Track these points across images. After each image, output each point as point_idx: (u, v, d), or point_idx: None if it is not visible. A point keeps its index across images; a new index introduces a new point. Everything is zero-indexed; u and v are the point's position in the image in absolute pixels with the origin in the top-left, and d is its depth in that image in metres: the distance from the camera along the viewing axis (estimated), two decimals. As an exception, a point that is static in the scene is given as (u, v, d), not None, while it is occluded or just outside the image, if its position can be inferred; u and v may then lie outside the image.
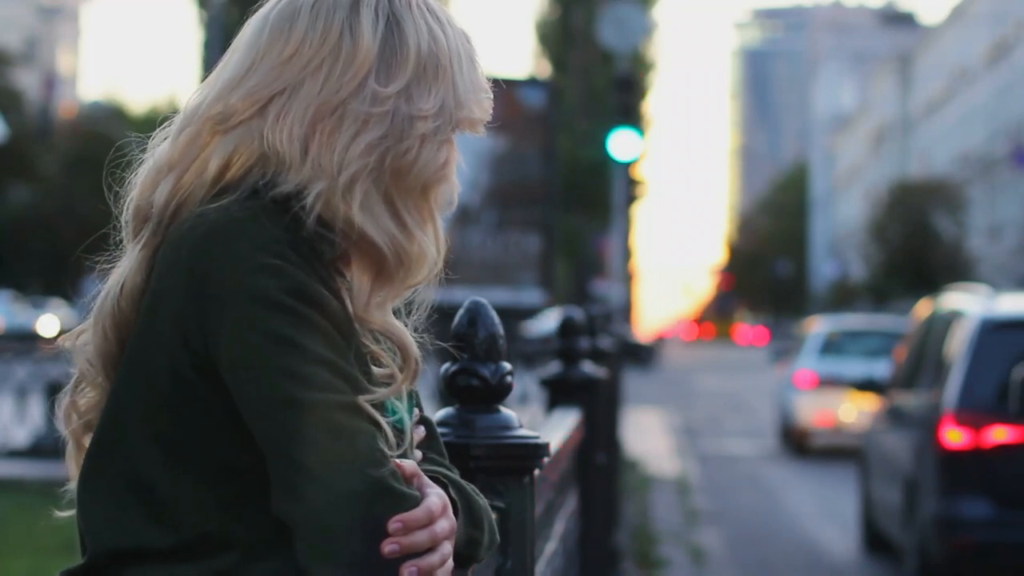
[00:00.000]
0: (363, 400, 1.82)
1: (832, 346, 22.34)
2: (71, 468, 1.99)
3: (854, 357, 21.47)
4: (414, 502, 1.78)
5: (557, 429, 3.72)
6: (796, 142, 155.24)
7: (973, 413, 9.00)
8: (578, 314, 5.22)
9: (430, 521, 1.78)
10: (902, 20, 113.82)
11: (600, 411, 6.03)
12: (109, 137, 48.34)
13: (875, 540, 11.59)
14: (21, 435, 14.20)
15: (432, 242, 1.97)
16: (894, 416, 10.88)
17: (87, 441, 1.96)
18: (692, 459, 18.62)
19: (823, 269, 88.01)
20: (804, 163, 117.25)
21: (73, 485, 1.96)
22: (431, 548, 1.78)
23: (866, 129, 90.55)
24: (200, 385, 1.85)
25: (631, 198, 28.71)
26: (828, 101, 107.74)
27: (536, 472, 2.40)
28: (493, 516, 1.99)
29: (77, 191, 46.70)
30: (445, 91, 1.96)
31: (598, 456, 5.76)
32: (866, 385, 12.29)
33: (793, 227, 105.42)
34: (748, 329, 58.25)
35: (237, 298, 1.81)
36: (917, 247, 50.57)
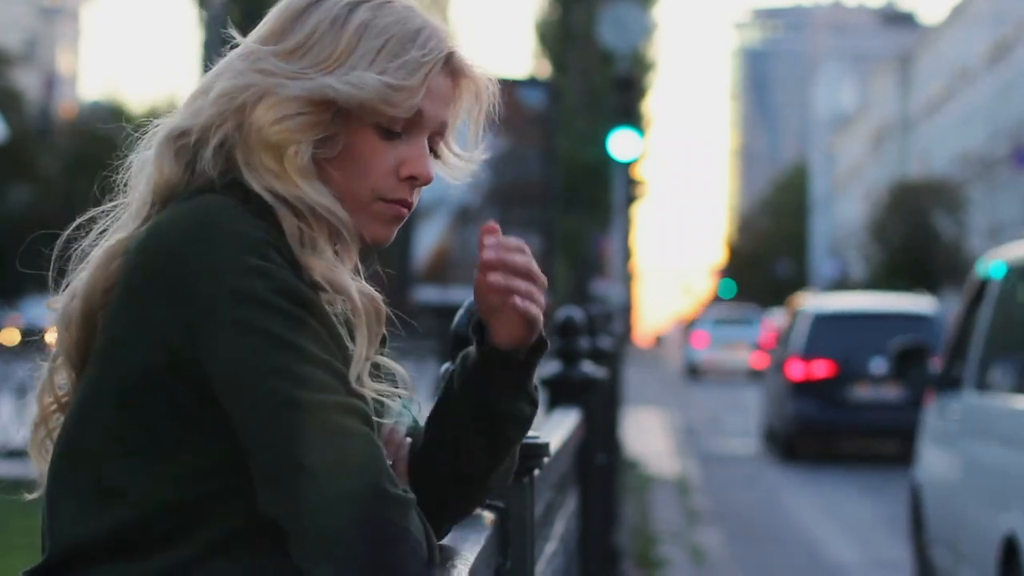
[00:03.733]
0: (352, 392, 1.81)
1: (718, 321, 45.16)
2: None
3: (730, 326, 44.00)
4: (409, 504, 1.77)
5: (557, 429, 3.71)
6: (796, 142, 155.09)
7: (806, 357, 18.17)
8: (578, 314, 5.21)
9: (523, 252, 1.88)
10: (902, 20, 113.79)
11: (600, 411, 6.03)
12: (109, 137, 48.37)
13: (769, 438, 19.97)
14: (21, 435, 14.20)
15: (319, 193, 1.92)
16: (775, 365, 20.12)
17: None
18: (692, 459, 18.60)
19: (823, 269, 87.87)
20: (804, 163, 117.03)
21: None
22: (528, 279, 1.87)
23: (866, 129, 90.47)
24: (173, 387, 1.83)
25: (631, 198, 28.68)
26: (828, 101, 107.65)
27: (536, 472, 2.40)
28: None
29: (77, 191, 46.68)
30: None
31: (598, 456, 5.75)
32: (757, 346, 24.05)
33: (793, 227, 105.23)
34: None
35: (227, 301, 1.80)
36: (917, 247, 50.56)
